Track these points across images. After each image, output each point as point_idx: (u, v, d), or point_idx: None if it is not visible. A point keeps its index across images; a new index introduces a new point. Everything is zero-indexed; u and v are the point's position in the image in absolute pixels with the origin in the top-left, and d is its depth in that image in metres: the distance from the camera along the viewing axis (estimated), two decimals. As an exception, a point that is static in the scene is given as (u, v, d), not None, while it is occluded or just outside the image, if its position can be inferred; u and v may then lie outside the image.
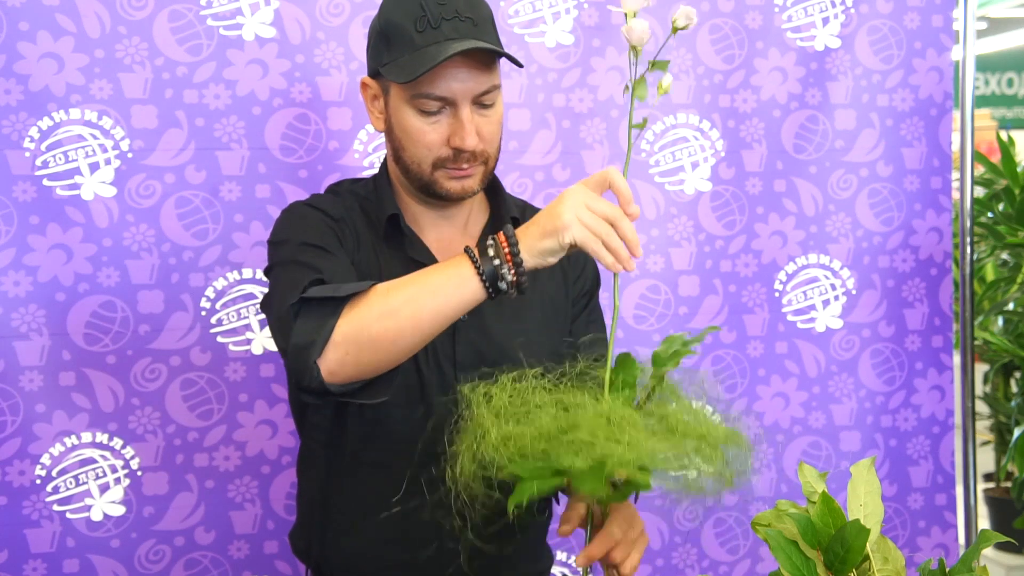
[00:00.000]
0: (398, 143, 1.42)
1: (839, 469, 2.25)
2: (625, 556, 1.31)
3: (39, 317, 1.88)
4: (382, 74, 1.39)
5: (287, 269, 1.35)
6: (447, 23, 1.35)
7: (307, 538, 1.52)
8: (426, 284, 1.27)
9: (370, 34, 1.44)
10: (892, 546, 1.17)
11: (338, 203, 1.47)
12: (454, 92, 1.36)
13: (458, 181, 1.41)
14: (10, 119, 1.85)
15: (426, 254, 1.46)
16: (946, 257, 2.33)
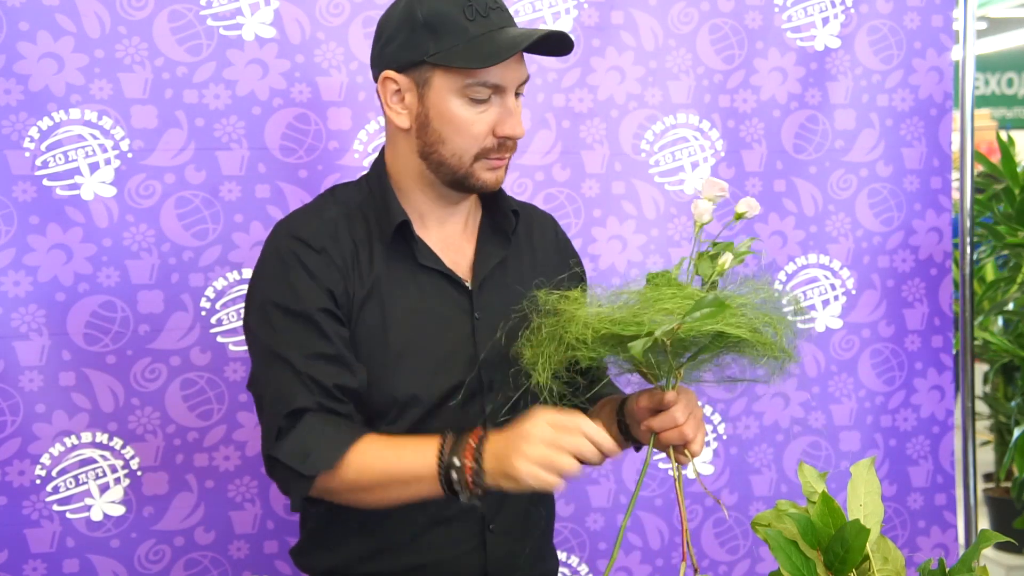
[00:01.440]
0: (437, 136, 1.41)
1: (839, 469, 2.25)
2: (695, 434, 1.37)
3: (39, 317, 1.88)
4: (436, 63, 1.37)
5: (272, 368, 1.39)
6: (493, 12, 1.39)
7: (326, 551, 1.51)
8: (395, 472, 1.33)
9: (396, 26, 1.41)
10: (892, 546, 1.17)
11: (324, 226, 1.44)
12: (507, 80, 1.39)
13: (493, 172, 1.43)
14: (10, 119, 1.85)
15: (433, 258, 1.46)
16: (946, 257, 2.33)
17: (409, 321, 1.43)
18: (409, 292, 1.44)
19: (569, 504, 2.16)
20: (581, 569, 2.18)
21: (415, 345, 1.43)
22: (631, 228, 2.17)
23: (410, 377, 1.42)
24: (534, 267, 1.56)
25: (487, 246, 1.52)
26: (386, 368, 1.42)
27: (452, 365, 1.45)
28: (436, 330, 1.45)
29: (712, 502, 2.23)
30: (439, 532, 1.46)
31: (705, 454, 2.23)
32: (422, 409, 1.43)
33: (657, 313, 1.27)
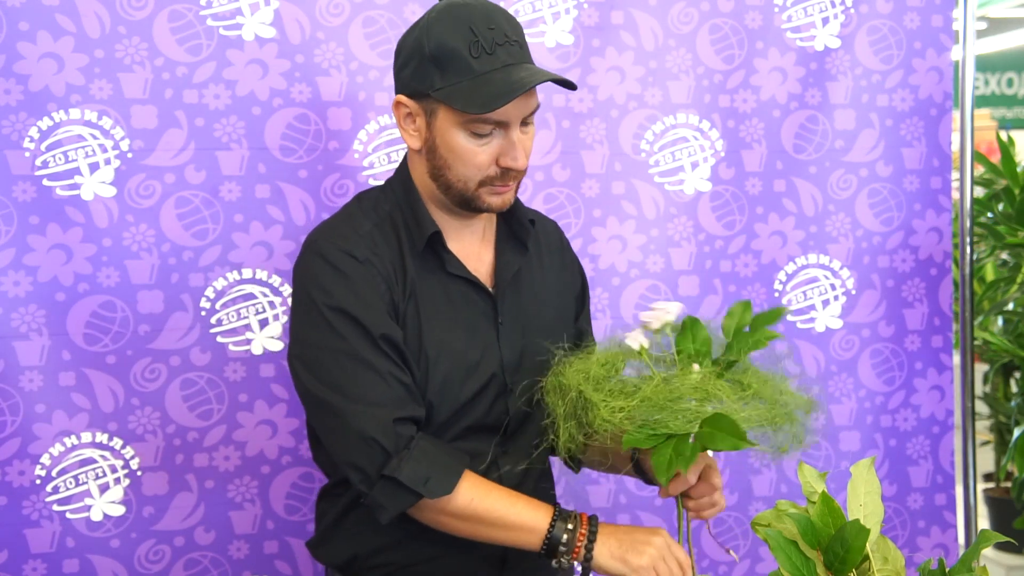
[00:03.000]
0: (443, 162, 1.44)
1: (839, 469, 2.25)
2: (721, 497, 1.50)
3: (39, 317, 1.88)
4: (438, 99, 1.40)
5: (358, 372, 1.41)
6: (500, 48, 1.39)
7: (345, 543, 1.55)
8: (503, 521, 1.42)
9: (408, 54, 1.43)
10: (892, 546, 1.17)
11: (363, 239, 1.47)
12: (509, 116, 1.41)
13: (499, 196, 1.46)
14: (10, 119, 1.85)
15: (462, 268, 1.51)
16: (946, 257, 2.33)
17: (442, 327, 1.48)
18: (439, 299, 1.49)
19: (569, 504, 2.16)
20: (581, 569, 2.18)
21: (448, 349, 1.48)
22: (631, 228, 2.17)
23: (444, 380, 1.48)
24: (544, 273, 1.62)
25: (505, 254, 1.56)
26: (422, 372, 1.47)
27: (481, 368, 1.50)
28: (466, 335, 1.50)
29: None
30: None
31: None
32: (451, 410, 1.49)
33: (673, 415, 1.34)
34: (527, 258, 1.59)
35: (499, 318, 1.52)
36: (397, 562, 1.52)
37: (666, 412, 1.34)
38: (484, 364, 1.51)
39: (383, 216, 1.51)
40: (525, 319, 1.56)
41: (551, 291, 1.62)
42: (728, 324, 1.50)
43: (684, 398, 1.35)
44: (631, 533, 1.41)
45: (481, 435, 1.52)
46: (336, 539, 1.56)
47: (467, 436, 1.51)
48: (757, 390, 1.39)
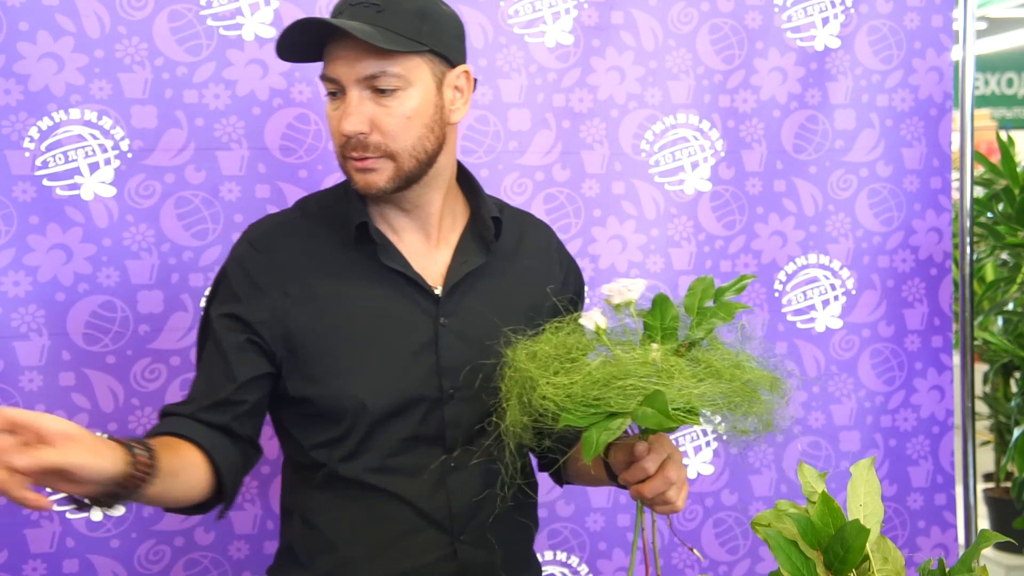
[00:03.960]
0: None
1: (839, 469, 2.25)
2: (665, 487, 1.33)
3: (39, 317, 1.88)
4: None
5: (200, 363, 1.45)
6: (351, 8, 1.36)
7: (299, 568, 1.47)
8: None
9: None
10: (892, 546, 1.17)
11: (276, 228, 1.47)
12: (339, 74, 1.36)
13: (362, 175, 1.38)
14: (10, 119, 1.85)
15: (399, 260, 1.43)
16: (946, 257, 2.33)
17: (368, 326, 1.41)
18: (371, 296, 1.42)
19: (569, 504, 2.16)
20: (581, 569, 2.18)
21: (373, 351, 1.40)
22: (631, 228, 2.17)
23: (361, 383, 1.40)
24: (519, 277, 1.52)
25: (464, 253, 1.48)
26: (335, 374, 1.40)
27: (411, 372, 1.41)
28: (394, 335, 1.42)
29: (712, 502, 2.23)
30: (409, 543, 1.43)
31: (705, 454, 2.23)
32: (374, 417, 1.40)
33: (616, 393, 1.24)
34: (496, 259, 1.49)
35: (441, 318, 1.43)
36: None
37: (608, 389, 1.24)
38: (416, 366, 1.41)
39: (315, 210, 1.48)
40: (477, 323, 1.44)
41: (521, 295, 1.50)
42: (689, 302, 1.39)
43: (631, 376, 1.25)
44: None
45: (423, 448, 1.43)
46: (291, 566, 1.49)
47: (407, 449, 1.42)
48: (716, 368, 1.28)
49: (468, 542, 1.44)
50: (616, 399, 1.23)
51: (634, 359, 1.28)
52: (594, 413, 1.23)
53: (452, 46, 1.41)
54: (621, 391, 1.24)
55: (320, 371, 1.41)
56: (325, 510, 1.45)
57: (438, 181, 1.45)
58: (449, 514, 1.43)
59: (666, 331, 1.35)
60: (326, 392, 1.40)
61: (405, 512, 1.42)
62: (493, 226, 1.49)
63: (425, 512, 1.42)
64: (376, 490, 1.42)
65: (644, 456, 1.32)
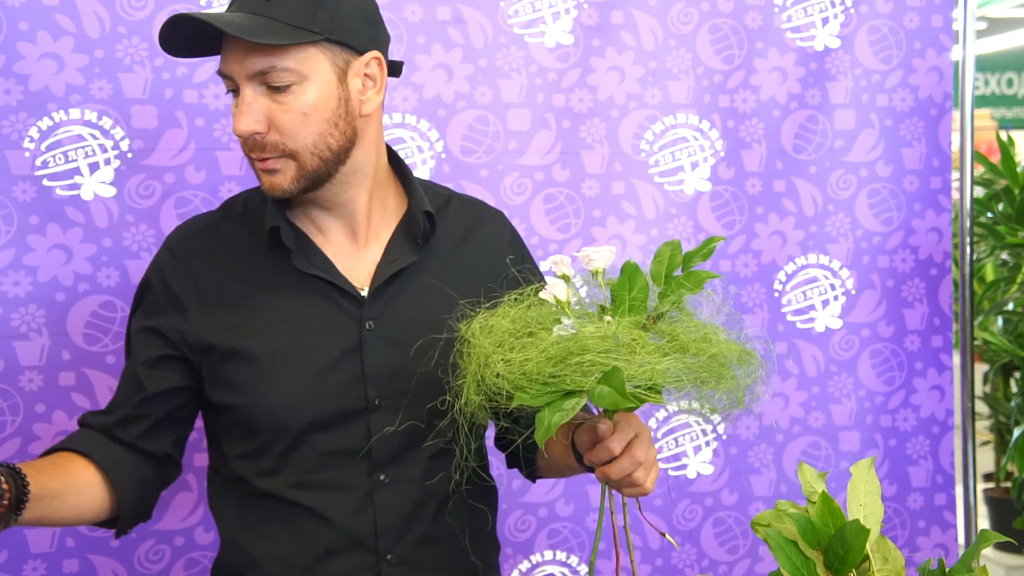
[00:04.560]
0: None
1: (839, 469, 2.25)
2: (633, 467, 1.25)
3: (39, 317, 1.88)
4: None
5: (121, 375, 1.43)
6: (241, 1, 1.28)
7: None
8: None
9: None
10: (892, 546, 1.17)
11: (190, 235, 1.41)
12: (231, 70, 1.28)
13: (266, 176, 1.30)
14: (10, 119, 1.85)
15: (320, 262, 1.36)
16: (946, 257, 2.33)
17: (280, 331, 1.34)
18: (287, 302, 1.35)
19: (569, 504, 2.16)
20: (581, 569, 2.18)
21: (290, 359, 1.33)
22: (631, 228, 2.17)
23: (279, 392, 1.33)
24: (461, 273, 1.42)
25: (394, 252, 1.39)
26: (253, 385, 1.33)
27: (334, 381, 1.34)
28: (315, 342, 1.34)
29: (712, 503, 2.23)
30: (332, 563, 1.35)
31: (705, 454, 2.23)
32: (294, 430, 1.33)
33: (573, 369, 1.16)
34: (423, 256, 1.39)
35: (366, 322, 1.35)
36: None
37: (565, 366, 1.15)
38: (338, 373, 1.33)
39: (242, 210, 1.42)
40: (408, 326, 1.34)
41: (463, 293, 1.36)
42: (656, 269, 1.31)
43: (589, 351, 1.16)
44: None
45: (348, 463, 1.35)
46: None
47: (331, 464, 1.35)
48: (682, 342, 1.20)
49: (396, 563, 1.37)
50: (573, 376, 1.15)
51: (593, 333, 1.18)
52: (550, 392, 1.15)
53: (357, 31, 1.30)
54: (578, 368, 1.15)
55: (238, 381, 1.34)
56: (247, 527, 1.39)
57: (358, 177, 1.36)
58: (375, 533, 1.35)
59: (634, 302, 1.26)
60: (244, 403, 1.34)
61: (328, 531, 1.35)
62: (425, 221, 1.39)
63: (349, 531, 1.35)
64: (298, 507, 1.35)
65: (608, 436, 1.24)
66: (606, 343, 1.17)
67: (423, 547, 1.38)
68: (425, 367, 1.32)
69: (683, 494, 2.22)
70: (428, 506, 1.38)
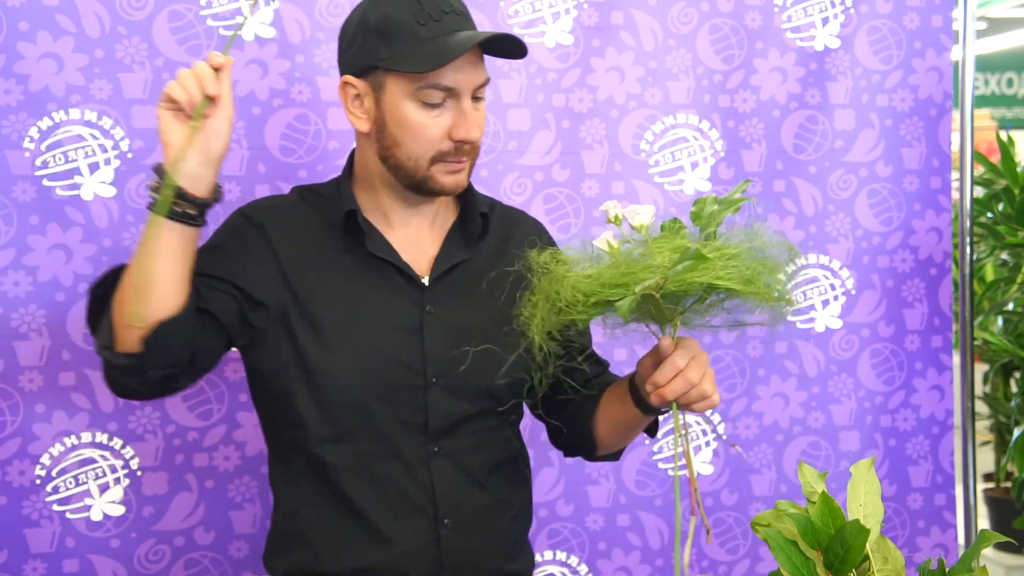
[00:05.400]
0: (392, 140, 1.41)
1: (839, 469, 2.25)
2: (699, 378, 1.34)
3: (39, 317, 1.88)
4: (386, 68, 1.38)
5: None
6: (446, 16, 1.38)
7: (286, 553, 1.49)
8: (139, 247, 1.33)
9: (352, 32, 1.43)
10: (892, 546, 1.17)
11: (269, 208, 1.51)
12: (459, 83, 1.38)
13: (453, 176, 1.43)
14: (10, 119, 1.85)
15: (387, 249, 1.46)
16: (946, 257, 2.33)
17: (352, 310, 1.44)
18: (356, 282, 1.45)
19: (569, 504, 2.16)
20: (581, 569, 2.18)
21: (355, 334, 1.43)
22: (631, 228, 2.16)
23: (348, 366, 1.42)
24: (503, 275, 1.49)
25: (451, 247, 1.50)
26: (319, 356, 1.42)
27: (396, 358, 1.43)
28: (380, 320, 1.44)
29: (711, 503, 2.23)
30: (393, 528, 1.44)
31: (705, 454, 2.23)
32: (358, 399, 1.42)
33: (644, 270, 1.26)
34: (475, 253, 1.51)
35: (427, 306, 1.46)
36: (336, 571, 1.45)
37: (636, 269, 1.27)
38: (401, 351, 1.43)
39: (310, 197, 1.52)
40: (463, 313, 1.46)
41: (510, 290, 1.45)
42: (696, 210, 1.44)
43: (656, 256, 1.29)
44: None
45: (405, 434, 1.44)
46: (279, 552, 1.51)
47: (390, 434, 1.44)
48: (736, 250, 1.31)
49: (452, 527, 1.45)
50: (644, 273, 1.25)
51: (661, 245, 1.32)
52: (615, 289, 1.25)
53: None
54: (648, 268, 1.26)
55: (303, 350, 1.43)
56: (306, 496, 1.46)
57: None
58: (433, 499, 1.44)
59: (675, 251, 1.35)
60: (308, 371, 1.42)
61: (387, 498, 1.44)
62: (480, 222, 1.51)
63: (409, 498, 1.44)
64: (358, 475, 1.44)
65: (670, 353, 1.32)
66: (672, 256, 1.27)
67: (474, 514, 1.47)
68: (476, 348, 1.43)
69: (683, 494, 2.22)
70: (480, 477, 1.48)
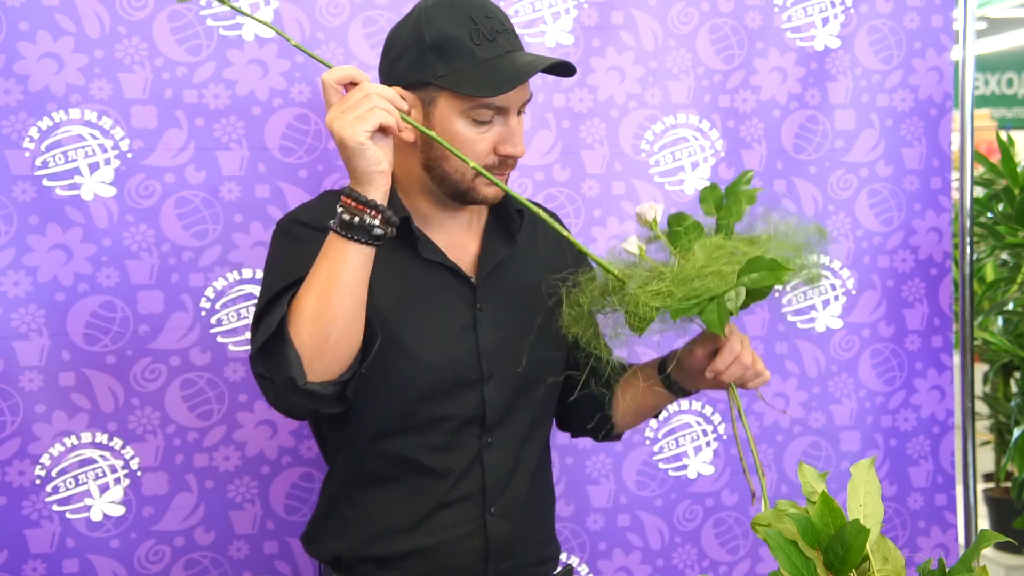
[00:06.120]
0: (440, 153, 1.44)
1: (839, 469, 2.25)
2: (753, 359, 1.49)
3: (39, 317, 1.88)
4: (442, 86, 1.41)
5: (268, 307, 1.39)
6: (500, 36, 1.43)
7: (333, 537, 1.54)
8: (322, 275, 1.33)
9: (405, 45, 1.44)
10: (892, 546, 1.17)
11: (324, 213, 1.45)
12: (510, 102, 1.43)
13: (494, 187, 1.46)
14: (10, 119, 1.85)
15: (438, 253, 1.50)
16: (946, 257, 2.33)
17: (410, 310, 1.48)
18: (411, 284, 1.49)
19: (569, 504, 2.16)
20: (581, 569, 2.18)
21: (416, 333, 1.47)
22: (631, 228, 2.16)
23: (409, 364, 1.47)
24: (538, 264, 1.59)
25: (492, 244, 1.56)
26: (385, 355, 1.44)
27: (455, 352, 1.49)
28: (438, 320, 1.50)
29: (712, 503, 2.24)
30: (442, 515, 1.50)
31: (705, 454, 2.23)
32: (418, 394, 1.47)
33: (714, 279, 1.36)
34: (515, 249, 1.57)
35: (478, 303, 1.51)
36: (382, 557, 1.51)
37: (701, 279, 1.36)
38: (459, 348, 1.49)
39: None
40: (509, 309, 1.53)
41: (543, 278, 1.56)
42: (706, 207, 1.53)
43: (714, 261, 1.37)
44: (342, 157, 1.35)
45: (463, 426, 1.51)
46: (325, 535, 1.56)
47: (449, 427, 1.50)
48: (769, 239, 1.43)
49: (498, 515, 1.52)
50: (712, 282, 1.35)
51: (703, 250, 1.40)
52: (697, 302, 1.35)
53: None
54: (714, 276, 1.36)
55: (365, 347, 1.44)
56: (362, 482, 1.52)
57: None
58: (482, 488, 1.51)
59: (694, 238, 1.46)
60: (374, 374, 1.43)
61: (441, 487, 1.50)
62: (518, 219, 1.57)
63: (460, 487, 1.50)
64: (415, 465, 1.49)
65: (727, 340, 1.45)
66: (721, 251, 1.39)
67: (518, 504, 1.55)
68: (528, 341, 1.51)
69: (683, 494, 2.22)
70: (524, 467, 1.56)
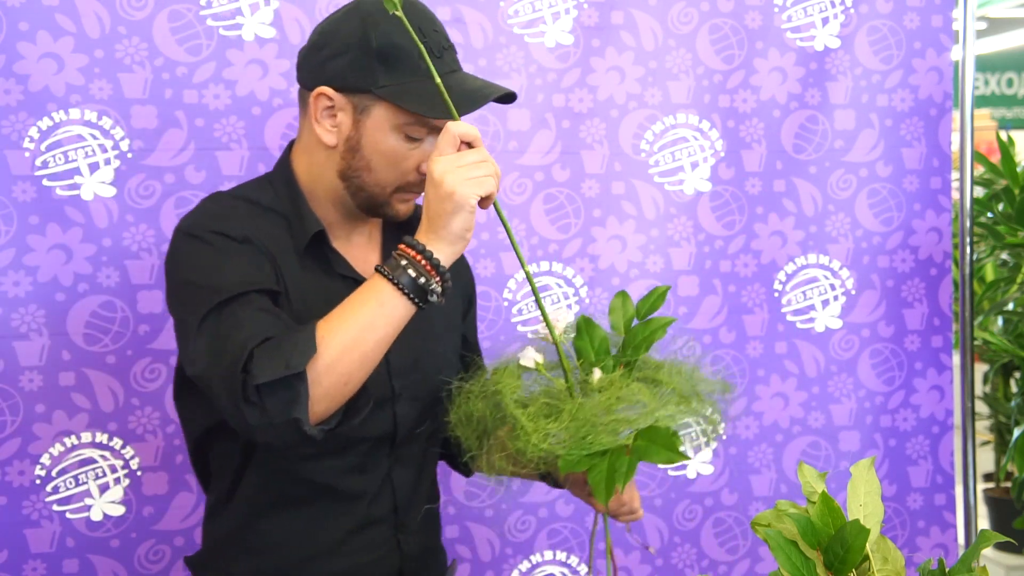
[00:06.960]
0: (364, 163, 1.38)
1: (839, 469, 2.25)
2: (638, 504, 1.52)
3: (39, 317, 1.88)
4: (383, 96, 1.35)
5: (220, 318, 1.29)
6: (446, 52, 1.38)
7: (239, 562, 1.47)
8: (359, 322, 1.27)
9: (343, 45, 1.37)
10: (892, 546, 1.17)
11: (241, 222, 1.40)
12: (442, 123, 1.35)
13: (406, 204, 1.44)
14: (10, 119, 1.85)
15: (350, 269, 1.45)
16: (946, 257, 2.33)
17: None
18: (321, 300, 1.37)
19: (569, 504, 2.16)
20: (581, 569, 2.18)
21: None
22: (631, 228, 2.17)
23: None
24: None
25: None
26: None
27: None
28: None
29: (712, 503, 2.24)
30: (358, 538, 1.46)
31: (705, 454, 2.23)
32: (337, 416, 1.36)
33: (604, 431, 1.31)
34: None
35: None
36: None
37: (597, 428, 1.30)
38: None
39: (262, 209, 1.43)
40: (417, 323, 1.38)
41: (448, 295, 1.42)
42: (615, 320, 1.46)
43: (611, 410, 1.32)
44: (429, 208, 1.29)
45: (372, 446, 1.45)
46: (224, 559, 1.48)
47: (358, 447, 1.43)
48: (673, 385, 1.37)
49: (410, 532, 1.50)
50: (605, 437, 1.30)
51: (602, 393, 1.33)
52: (587, 455, 1.30)
53: None
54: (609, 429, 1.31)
55: None
56: (272, 508, 1.45)
57: None
58: (394, 508, 1.48)
59: (598, 353, 1.41)
60: None
61: (353, 511, 1.45)
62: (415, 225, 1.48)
63: (373, 508, 1.46)
64: (325, 489, 1.43)
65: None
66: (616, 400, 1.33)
67: (424, 517, 1.53)
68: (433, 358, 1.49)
69: (683, 494, 2.22)
70: (425, 479, 1.55)
